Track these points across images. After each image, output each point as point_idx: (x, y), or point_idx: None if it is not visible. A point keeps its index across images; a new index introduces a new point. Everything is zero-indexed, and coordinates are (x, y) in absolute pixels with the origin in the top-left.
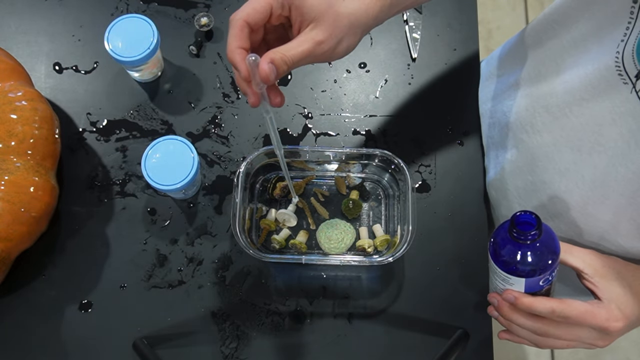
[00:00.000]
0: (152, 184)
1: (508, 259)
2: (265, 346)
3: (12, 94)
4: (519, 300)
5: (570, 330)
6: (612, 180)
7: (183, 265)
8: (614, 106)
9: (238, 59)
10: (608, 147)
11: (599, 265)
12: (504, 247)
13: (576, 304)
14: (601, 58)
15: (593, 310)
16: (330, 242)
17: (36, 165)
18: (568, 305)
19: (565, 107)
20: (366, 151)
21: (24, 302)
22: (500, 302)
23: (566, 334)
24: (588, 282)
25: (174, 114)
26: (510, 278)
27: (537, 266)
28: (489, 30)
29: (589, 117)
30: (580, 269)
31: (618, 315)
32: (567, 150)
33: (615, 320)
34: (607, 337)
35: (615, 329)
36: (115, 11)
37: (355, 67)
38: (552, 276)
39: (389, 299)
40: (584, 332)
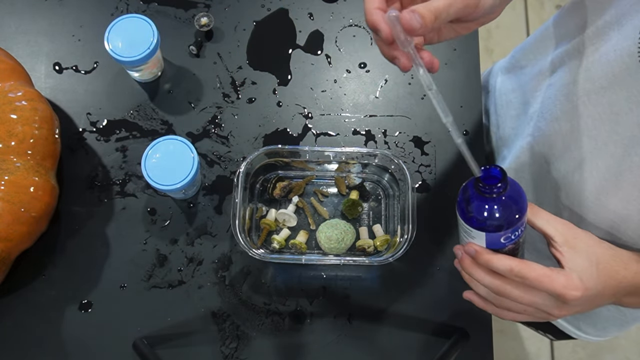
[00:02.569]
0: (152, 184)
1: (471, 212)
2: (265, 346)
3: (12, 94)
4: (478, 254)
5: (527, 293)
6: (626, 169)
7: (183, 265)
8: (632, 95)
9: (378, 18)
10: (624, 137)
11: (570, 235)
12: (469, 201)
13: (535, 265)
14: (623, 44)
15: (552, 274)
16: (330, 242)
17: (36, 165)
18: (527, 265)
19: (584, 95)
20: (366, 151)
21: (24, 302)
22: (462, 254)
23: (522, 296)
24: (555, 250)
25: (174, 114)
26: (472, 231)
27: (499, 221)
28: (489, 30)
29: (607, 106)
30: (550, 235)
31: (577, 284)
32: (584, 139)
33: (573, 289)
34: (564, 306)
35: (572, 298)
36: (115, 11)
37: (355, 67)
38: (515, 236)
39: (389, 299)
40: (540, 297)
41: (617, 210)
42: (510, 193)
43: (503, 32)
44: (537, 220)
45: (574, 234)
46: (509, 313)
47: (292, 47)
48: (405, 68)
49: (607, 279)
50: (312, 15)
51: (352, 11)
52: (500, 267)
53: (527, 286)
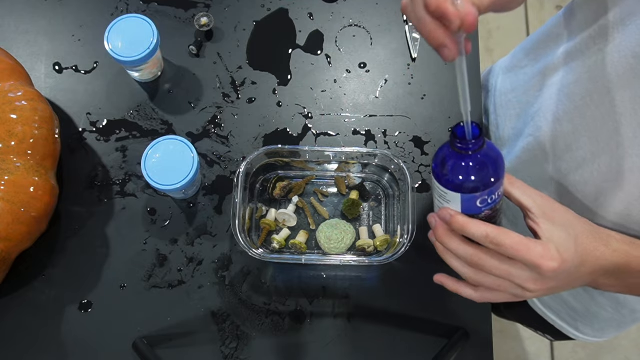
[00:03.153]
0: (152, 184)
1: (447, 173)
2: (265, 346)
3: (12, 94)
4: (454, 218)
5: (503, 263)
6: (626, 170)
7: (183, 265)
8: (636, 95)
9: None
10: (626, 137)
11: (548, 208)
12: (444, 161)
13: (512, 233)
14: (627, 45)
15: (529, 243)
16: (330, 242)
17: (36, 165)
18: (504, 232)
19: (587, 95)
20: (366, 151)
21: (24, 302)
22: (437, 223)
23: (498, 267)
24: (532, 222)
25: (174, 114)
26: (447, 194)
27: (475, 181)
28: (489, 31)
29: (610, 107)
30: (527, 207)
31: (555, 255)
32: (586, 139)
33: (550, 259)
34: (539, 279)
35: (549, 269)
36: (115, 11)
37: (355, 67)
38: (492, 200)
39: (389, 299)
40: (516, 268)
41: (618, 211)
42: (488, 152)
43: (503, 33)
44: (514, 190)
45: (552, 207)
46: (484, 292)
47: (292, 47)
48: (451, 58)
49: (585, 255)
50: (312, 15)
51: (352, 11)
52: (476, 232)
53: (502, 256)
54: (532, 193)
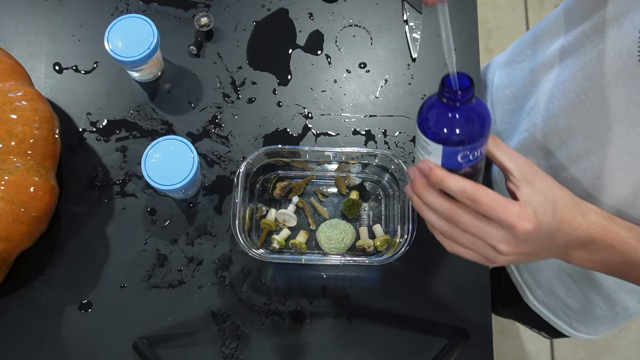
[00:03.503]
0: (152, 184)
1: (431, 122)
2: (265, 346)
3: (12, 94)
4: (433, 170)
5: (477, 220)
6: (617, 169)
7: (183, 265)
8: (630, 94)
9: None
10: (619, 136)
11: (530, 173)
12: (431, 109)
13: (490, 191)
14: (622, 43)
15: (506, 202)
16: (330, 242)
17: (36, 165)
18: (481, 189)
19: (582, 92)
20: (366, 151)
21: (24, 302)
22: (415, 175)
23: (472, 223)
24: (512, 185)
25: (174, 114)
26: (429, 145)
27: (459, 134)
28: (489, 31)
29: (604, 104)
30: (510, 170)
31: (531, 216)
32: (580, 137)
33: (526, 220)
34: (513, 241)
35: (524, 230)
36: (115, 11)
37: (355, 67)
38: (473, 157)
39: (389, 299)
40: (491, 227)
41: (609, 209)
42: (475, 107)
43: (503, 33)
44: (497, 152)
45: (534, 172)
46: (456, 246)
47: (292, 47)
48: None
49: (562, 222)
50: (312, 15)
51: (352, 11)
52: (453, 187)
53: (478, 213)
54: (516, 157)
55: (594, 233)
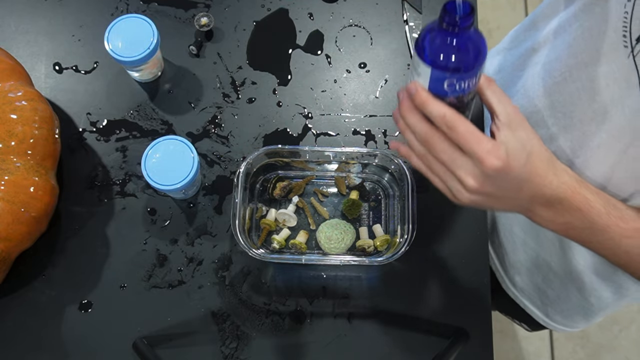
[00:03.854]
0: (152, 184)
1: (425, 42)
2: (265, 346)
3: (12, 94)
4: (418, 92)
5: (451, 149)
6: (596, 146)
7: (183, 265)
8: (611, 70)
9: None
10: (598, 113)
11: (516, 121)
12: (429, 32)
13: (469, 123)
14: (607, 19)
15: (481, 136)
16: (330, 242)
17: (36, 165)
18: (461, 118)
19: (567, 71)
20: (366, 151)
21: (24, 302)
22: (403, 97)
23: (445, 151)
24: (495, 127)
25: (174, 114)
26: (419, 66)
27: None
28: (489, 31)
29: (586, 82)
30: (497, 113)
31: (501, 155)
32: (560, 115)
33: (495, 157)
34: (480, 176)
35: (490, 166)
36: (115, 11)
37: (355, 67)
38: (459, 87)
39: (389, 299)
40: (462, 158)
41: None
42: (471, 36)
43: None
44: (489, 93)
45: (520, 121)
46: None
47: (292, 47)
48: None
49: (532, 174)
50: (312, 15)
51: (352, 11)
52: (433, 110)
53: (453, 142)
54: (507, 102)
55: (563, 193)
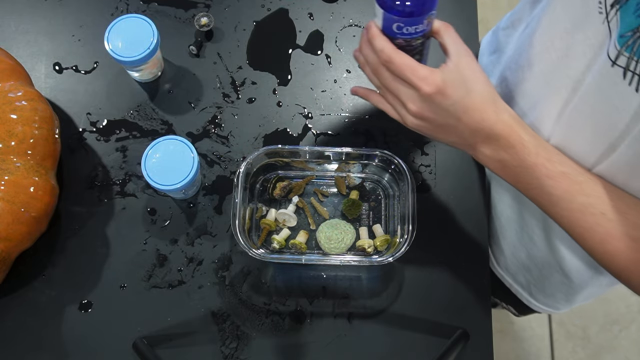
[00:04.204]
0: (152, 184)
1: None
2: (265, 346)
3: (12, 94)
4: (370, 28)
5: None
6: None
7: (183, 265)
8: (586, 38)
9: None
10: (574, 80)
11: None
12: None
13: (406, 56)
14: None
15: (416, 66)
16: (330, 242)
17: (36, 165)
18: (398, 52)
19: (548, 40)
20: (366, 151)
21: (24, 302)
22: (362, 34)
23: (390, 80)
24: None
25: (174, 114)
26: (376, 7)
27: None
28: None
29: (564, 49)
30: (449, 52)
31: (436, 82)
32: (541, 84)
33: (428, 84)
34: (418, 100)
35: (425, 92)
36: (115, 11)
37: (355, 67)
38: (407, 31)
39: (389, 299)
40: (402, 86)
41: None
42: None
43: None
44: (445, 36)
45: (468, 61)
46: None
47: (292, 47)
48: None
49: (471, 107)
50: (312, 15)
51: (352, 11)
52: (376, 44)
53: (394, 73)
54: (460, 45)
55: (500, 130)
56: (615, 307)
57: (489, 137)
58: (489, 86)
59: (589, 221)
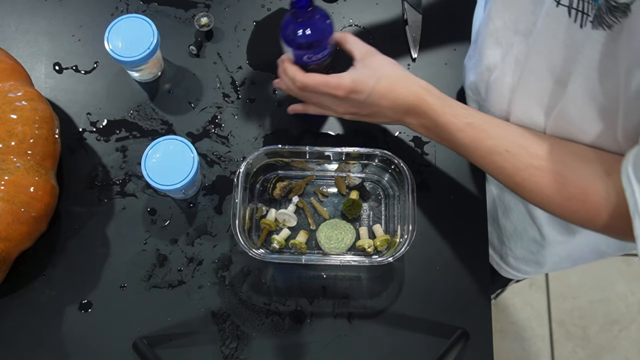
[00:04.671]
0: (152, 184)
1: (285, 31)
2: (265, 346)
3: (12, 94)
4: (284, 62)
5: (314, 94)
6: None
7: (183, 265)
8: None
9: None
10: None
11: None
12: (287, 22)
13: (315, 76)
14: None
15: (327, 80)
16: (330, 242)
17: (36, 165)
18: (308, 76)
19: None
20: (366, 151)
21: (24, 302)
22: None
23: (312, 97)
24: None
25: (174, 114)
26: (284, 46)
27: (301, 42)
28: None
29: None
30: (354, 54)
31: (347, 84)
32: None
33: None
34: (341, 103)
35: (340, 96)
36: (115, 11)
37: None
38: (316, 57)
39: (389, 299)
40: (324, 97)
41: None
42: (316, 21)
43: None
44: (346, 44)
45: (371, 54)
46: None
47: None
48: None
49: (384, 91)
50: None
51: (352, 11)
52: (290, 75)
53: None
54: (360, 45)
55: (411, 101)
56: (615, 307)
57: (407, 110)
58: (394, 69)
59: (497, 160)
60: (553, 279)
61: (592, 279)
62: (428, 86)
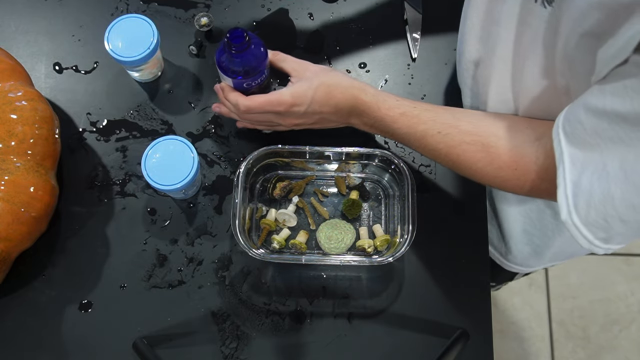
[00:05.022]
0: (152, 184)
1: (222, 63)
2: (265, 346)
3: (12, 94)
4: (224, 89)
5: (259, 115)
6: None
7: (183, 265)
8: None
9: None
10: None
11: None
12: (223, 55)
13: (257, 97)
14: None
15: (270, 99)
16: (330, 242)
17: (36, 165)
18: (250, 99)
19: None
20: (366, 151)
21: (24, 302)
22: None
23: (258, 118)
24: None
25: (174, 114)
26: (222, 76)
27: (237, 72)
28: None
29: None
30: (288, 71)
31: (287, 99)
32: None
33: (282, 104)
34: (281, 117)
35: (280, 111)
36: (115, 11)
37: (355, 67)
38: (254, 82)
39: (389, 299)
40: (269, 115)
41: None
42: (251, 51)
43: None
44: (279, 63)
45: (305, 68)
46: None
47: (292, 47)
48: None
49: (323, 100)
50: (312, 15)
51: (352, 11)
52: (232, 101)
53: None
54: (291, 61)
55: (351, 103)
56: (615, 307)
57: (349, 112)
58: (329, 76)
59: (431, 143)
60: (553, 278)
61: (592, 278)
62: (362, 85)
